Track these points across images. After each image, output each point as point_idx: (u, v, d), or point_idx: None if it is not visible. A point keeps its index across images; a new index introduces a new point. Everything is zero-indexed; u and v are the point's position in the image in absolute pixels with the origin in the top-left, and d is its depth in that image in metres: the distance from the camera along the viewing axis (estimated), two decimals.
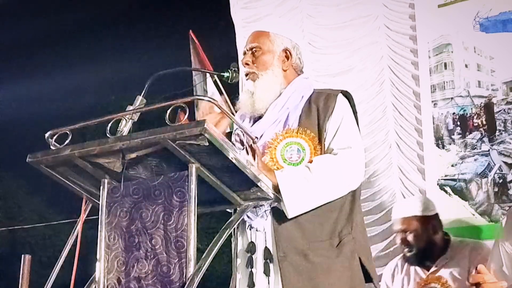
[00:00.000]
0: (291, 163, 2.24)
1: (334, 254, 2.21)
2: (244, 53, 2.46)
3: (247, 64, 2.43)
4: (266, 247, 2.21)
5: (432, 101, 4.64)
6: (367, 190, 5.00)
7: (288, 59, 2.43)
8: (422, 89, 4.69)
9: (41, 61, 11.72)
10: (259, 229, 2.24)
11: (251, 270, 2.22)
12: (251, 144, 2.13)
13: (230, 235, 2.32)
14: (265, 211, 2.23)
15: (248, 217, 2.26)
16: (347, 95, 2.37)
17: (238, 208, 2.11)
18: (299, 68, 2.47)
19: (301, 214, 2.19)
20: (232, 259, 2.35)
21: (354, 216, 2.29)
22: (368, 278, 2.29)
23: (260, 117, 2.41)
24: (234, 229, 2.32)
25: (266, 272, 2.19)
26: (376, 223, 4.96)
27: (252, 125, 2.41)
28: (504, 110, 4.42)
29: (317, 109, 2.31)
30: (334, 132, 2.27)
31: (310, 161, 2.22)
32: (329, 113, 2.28)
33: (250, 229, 2.28)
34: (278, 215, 2.20)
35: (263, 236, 2.23)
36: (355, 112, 2.36)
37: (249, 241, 2.26)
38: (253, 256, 2.24)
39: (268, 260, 2.20)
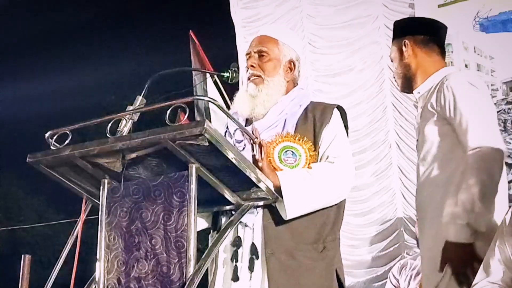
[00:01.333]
0: (287, 165, 2.27)
1: (319, 257, 2.24)
2: (249, 54, 2.45)
3: (252, 66, 2.42)
4: (253, 243, 2.23)
5: None
6: (367, 190, 5.00)
7: (291, 71, 2.45)
8: None
9: (41, 61, 11.73)
10: (248, 224, 2.25)
11: (236, 264, 2.23)
12: (260, 143, 2.15)
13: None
14: (255, 207, 2.24)
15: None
16: (341, 110, 2.43)
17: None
18: (296, 80, 2.51)
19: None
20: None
21: (338, 226, 2.34)
22: None
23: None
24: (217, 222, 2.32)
25: (251, 268, 2.21)
26: (376, 223, 4.97)
27: (245, 125, 2.41)
28: (504, 110, 4.42)
29: (314, 118, 2.36)
30: (330, 141, 2.32)
31: (309, 167, 2.25)
32: (325, 122, 2.34)
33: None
34: (269, 213, 2.23)
35: (251, 232, 2.24)
36: (347, 128, 2.43)
37: (236, 235, 2.26)
38: (239, 250, 2.24)
39: (253, 256, 2.21)
